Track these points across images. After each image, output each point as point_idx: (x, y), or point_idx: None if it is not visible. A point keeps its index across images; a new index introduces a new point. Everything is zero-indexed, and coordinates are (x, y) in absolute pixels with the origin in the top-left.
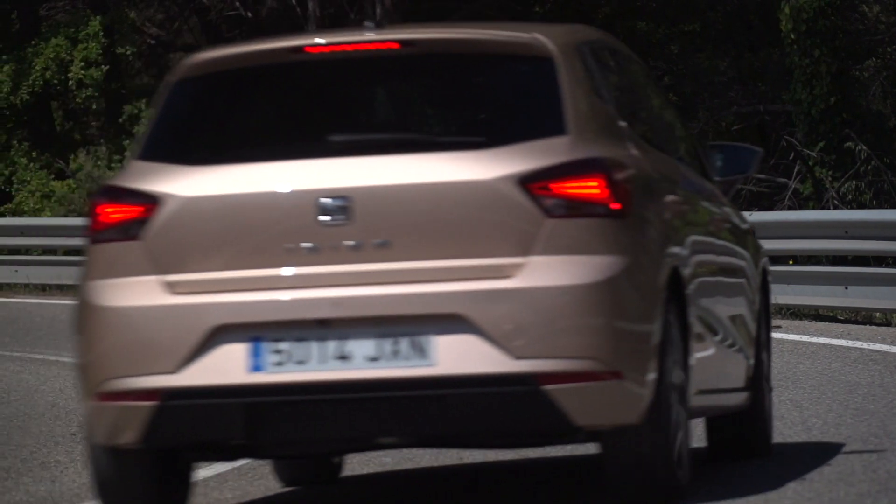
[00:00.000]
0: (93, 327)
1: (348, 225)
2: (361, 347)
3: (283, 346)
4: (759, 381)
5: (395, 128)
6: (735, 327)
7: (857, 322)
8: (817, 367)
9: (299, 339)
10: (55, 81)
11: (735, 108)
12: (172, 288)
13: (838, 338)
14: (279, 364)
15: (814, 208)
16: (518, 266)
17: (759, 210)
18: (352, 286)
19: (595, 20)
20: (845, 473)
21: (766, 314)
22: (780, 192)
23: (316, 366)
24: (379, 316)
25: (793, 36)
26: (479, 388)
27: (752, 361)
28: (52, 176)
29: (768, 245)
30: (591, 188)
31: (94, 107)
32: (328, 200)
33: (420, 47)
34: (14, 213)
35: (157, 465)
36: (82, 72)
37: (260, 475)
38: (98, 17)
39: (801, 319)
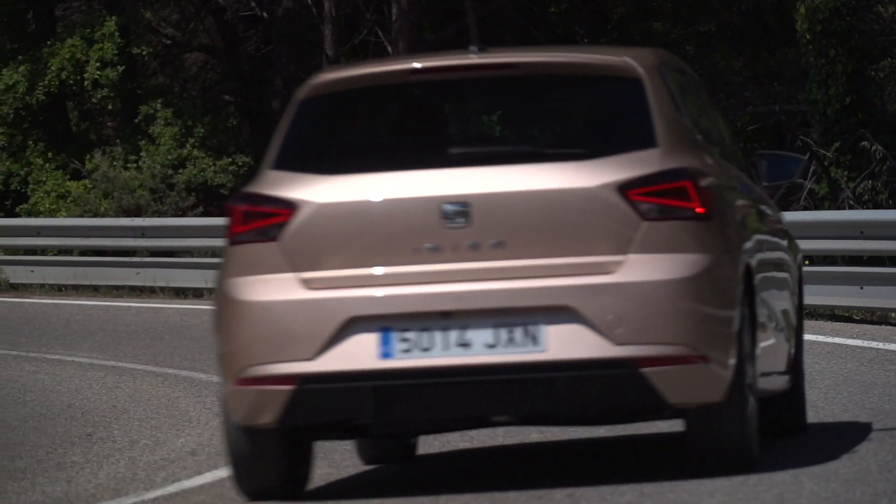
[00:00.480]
0: (234, 319)
1: (467, 227)
2: (480, 336)
3: (410, 335)
4: (798, 366)
5: (506, 141)
6: (783, 317)
7: (872, 322)
8: (833, 368)
9: (424, 329)
10: (71, 82)
11: (751, 108)
12: (308, 284)
13: (854, 338)
14: (406, 351)
15: (829, 208)
16: (618, 263)
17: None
18: (471, 282)
19: (611, 20)
20: (862, 473)
21: (800, 305)
22: (796, 193)
23: (440, 352)
24: (496, 308)
25: (808, 36)
26: (584, 372)
27: (793, 349)
28: (68, 176)
29: None
30: (682, 195)
31: (109, 107)
32: (450, 206)
33: (524, 69)
34: (30, 214)
35: (286, 444)
36: (98, 72)
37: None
38: (113, 18)
39: (816, 319)
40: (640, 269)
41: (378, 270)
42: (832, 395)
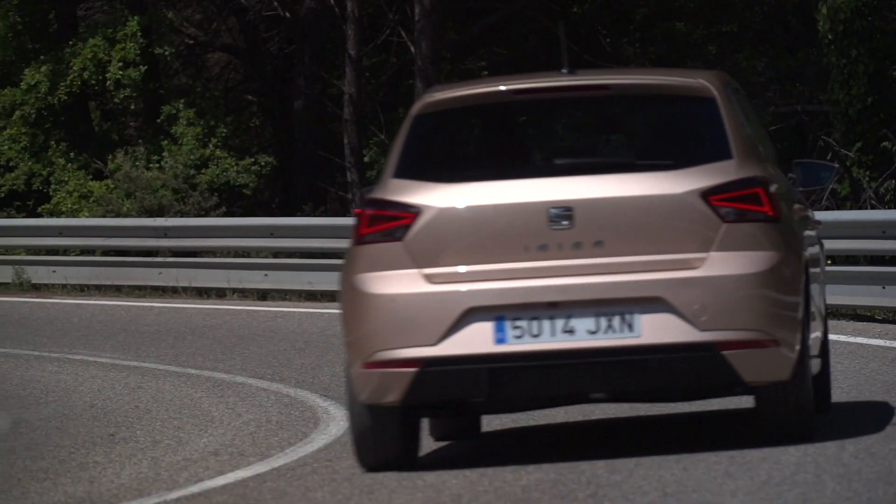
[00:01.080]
0: (363, 310)
1: (571, 229)
2: (583, 323)
3: (521, 323)
4: (826, 350)
5: (602, 153)
6: (819, 306)
7: (894, 322)
8: (855, 367)
9: (534, 318)
10: (93, 82)
11: (773, 108)
12: (430, 278)
13: (876, 338)
14: (518, 337)
15: (851, 208)
16: (702, 259)
17: None
18: (574, 276)
19: (633, 20)
20: (884, 473)
21: (824, 295)
22: (818, 193)
23: (548, 338)
24: (596, 299)
25: (830, 36)
26: (672, 354)
27: (822, 335)
28: (90, 176)
29: None
30: (755, 200)
31: (132, 107)
32: (555, 210)
33: (614, 90)
34: (52, 214)
35: (403, 421)
36: (120, 72)
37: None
38: (136, 18)
39: (838, 319)
40: (720, 264)
41: (492, 266)
42: (854, 395)
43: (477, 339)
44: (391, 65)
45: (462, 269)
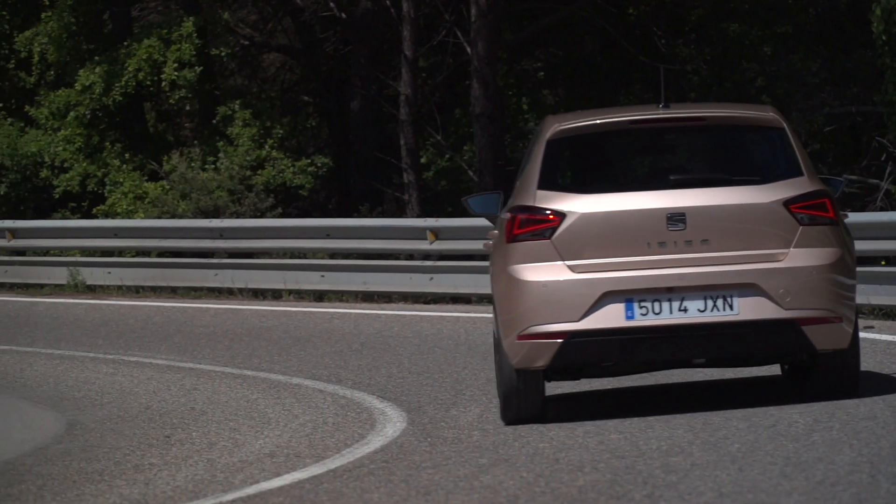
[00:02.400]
0: (518, 293)
1: (684, 230)
2: (694, 304)
3: (646, 303)
4: (857, 331)
5: (704, 170)
6: None
7: None
8: None
9: (655, 300)
10: (148, 83)
11: (827, 109)
12: (573, 269)
13: None
14: (644, 314)
15: None
16: (784, 254)
17: (852, 211)
18: (687, 267)
19: (688, 22)
20: None
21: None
22: (872, 193)
23: (666, 315)
24: (704, 285)
25: (884, 37)
26: (763, 328)
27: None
28: (146, 177)
29: (860, 245)
30: (825, 207)
31: (187, 108)
32: (672, 215)
33: (708, 121)
34: (107, 215)
35: (541, 382)
36: (175, 73)
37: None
38: (191, 19)
39: (893, 320)
40: (799, 258)
41: (622, 259)
42: None
43: (611, 316)
44: (447, 65)
45: (598, 261)
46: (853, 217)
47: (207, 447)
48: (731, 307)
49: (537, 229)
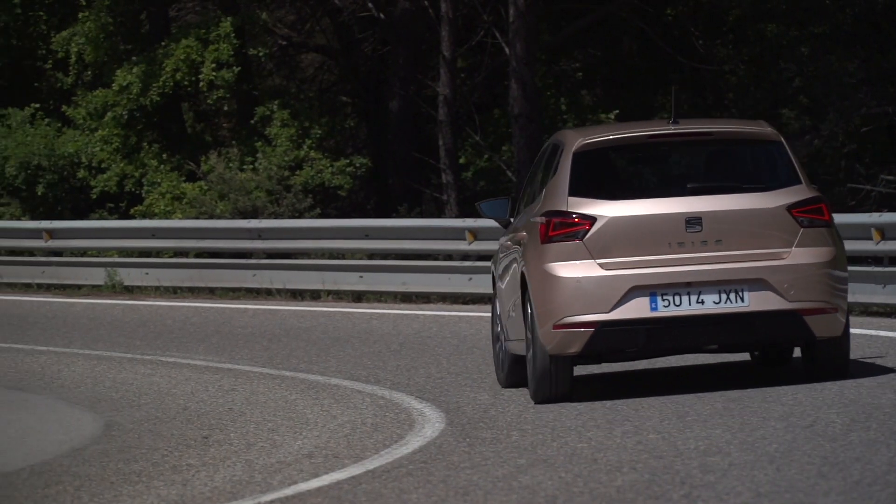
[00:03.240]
0: (554, 288)
1: (700, 231)
2: (710, 297)
3: (668, 297)
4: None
5: (717, 179)
6: None
7: None
8: None
9: (676, 293)
10: (186, 83)
11: (864, 109)
12: (603, 266)
13: None
14: (666, 306)
15: None
16: (788, 252)
17: (889, 211)
18: (703, 264)
19: (726, 22)
20: None
21: None
22: None
23: (686, 307)
24: (719, 280)
25: None
26: (770, 318)
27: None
28: (183, 178)
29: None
30: (821, 212)
31: (225, 108)
32: (690, 218)
33: (715, 136)
34: (144, 216)
35: (571, 366)
36: (213, 73)
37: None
38: (229, 19)
39: None
40: (800, 256)
41: (647, 258)
42: None
43: (637, 308)
44: (486, 66)
45: (625, 259)
46: (890, 217)
47: (246, 448)
48: (742, 300)
49: (571, 231)
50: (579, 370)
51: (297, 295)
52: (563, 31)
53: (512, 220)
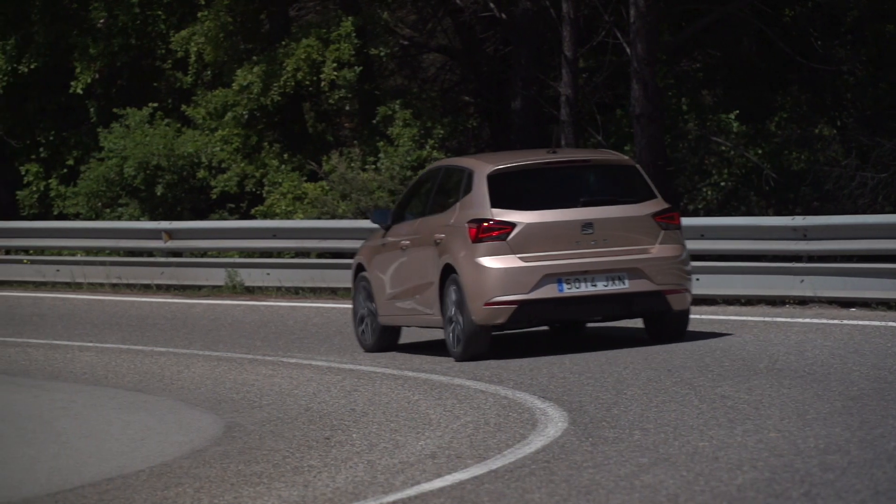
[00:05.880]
0: (485, 276)
1: (593, 234)
2: (601, 281)
3: (570, 281)
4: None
5: (600, 194)
6: None
7: None
8: None
9: (576, 279)
10: (307, 82)
11: None
12: (522, 259)
13: None
14: (569, 288)
15: None
16: (653, 247)
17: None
18: (596, 257)
19: (844, 23)
20: None
21: None
22: None
23: (583, 289)
24: (607, 269)
25: None
26: (643, 296)
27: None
28: (305, 178)
29: None
30: (674, 218)
31: (346, 108)
32: (584, 224)
33: (592, 163)
34: (265, 216)
35: (490, 333)
36: (334, 73)
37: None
38: (350, 18)
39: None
40: (662, 251)
41: (554, 252)
42: None
43: (548, 290)
44: (607, 66)
45: (539, 254)
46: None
47: (368, 449)
48: (623, 283)
49: (497, 234)
50: (698, 372)
51: None
52: (684, 32)
53: (392, 225)
